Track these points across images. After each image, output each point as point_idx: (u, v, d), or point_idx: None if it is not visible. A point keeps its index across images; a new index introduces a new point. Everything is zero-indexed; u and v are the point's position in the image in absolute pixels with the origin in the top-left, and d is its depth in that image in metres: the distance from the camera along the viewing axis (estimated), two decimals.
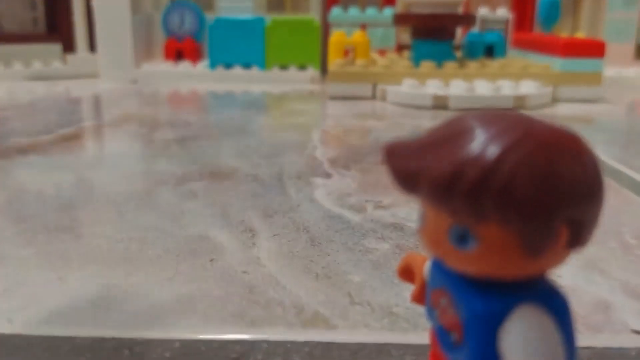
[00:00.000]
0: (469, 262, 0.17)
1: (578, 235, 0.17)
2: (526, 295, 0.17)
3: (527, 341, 0.17)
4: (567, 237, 0.17)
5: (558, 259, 0.17)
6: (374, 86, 1.13)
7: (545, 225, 0.16)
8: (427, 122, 0.90)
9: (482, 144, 0.16)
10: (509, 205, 0.16)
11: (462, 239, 0.17)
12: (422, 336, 0.32)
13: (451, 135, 0.17)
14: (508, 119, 0.17)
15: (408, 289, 0.37)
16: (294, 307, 0.35)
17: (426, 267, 0.21)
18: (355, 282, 0.39)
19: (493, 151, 0.16)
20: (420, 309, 0.35)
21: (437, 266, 0.20)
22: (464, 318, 0.18)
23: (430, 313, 0.21)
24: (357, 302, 0.36)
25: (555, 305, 0.17)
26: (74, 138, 0.79)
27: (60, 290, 0.37)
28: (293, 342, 0.32)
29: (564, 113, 1.01)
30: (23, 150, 0.72)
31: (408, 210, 0.52)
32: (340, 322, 0.34)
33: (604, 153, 0.70)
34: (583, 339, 0.32)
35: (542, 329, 0.17)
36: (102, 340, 0.32)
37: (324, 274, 0.40)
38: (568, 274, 0.40)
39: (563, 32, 1.55)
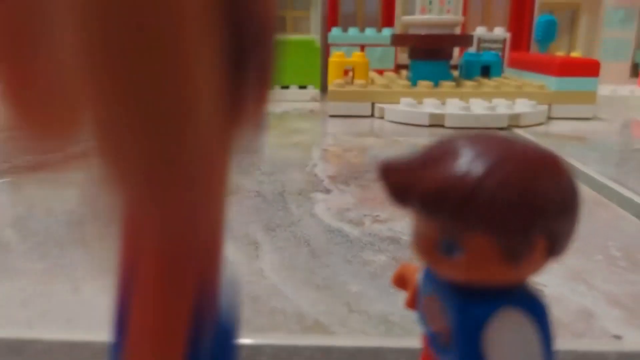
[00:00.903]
0: (456, 269, 0.18)
1: (554, 246, 0.18)
2: (508, 300, 0.18)
3: (508, 342, 0.18)
4: (544, 247, 0.18)
5: (537, 267, 0.18)
6: (373, 105, 1.13)
7: (523, 236, 0.17)
8: (423, 140, 0.89)
9: (468, 163, 0.17)
10: (491, 218, 0.17)
11: (449, 248, 0.18)
12: (415, 341, 0.33)
13: (441, 154, 0.18)
14: (492, 141, 0.18)
15: (403, 299, 0.37)
16: (295, 316, 0.36)
17: (419, 276, 0.22)
18: (354, 292, 0.39)
19: (477, 169, 0.17)
20: (413, 316, 0.36)
21: (428, 275, 0.21)
22: (451, 322, 0.19)
23: (422, 318, 0.21)
24: (355, 311, 0.36)
25: (535, 309, 0.18)
26: (81, 157, 0.79)
27: (76, 300, 0.38)
28: (295, 346, 0.32)
29: (558, 131, 1.01)
30: (33, 168, 0.71)
31: (404, 224, 0.52)
32: (339, 329, 0.34)
33: (596, 170, 0.71)
34: (565, 343, 0.33)
35: (522, 331, 0.18)
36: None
37: (324, 284, 0.40)
38: (554, 284, 0.40)
39: (560, 51, 1.55)
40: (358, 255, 0.46)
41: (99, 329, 0.33)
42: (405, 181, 0.18)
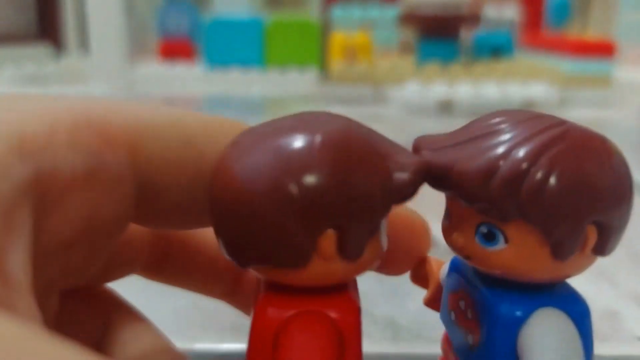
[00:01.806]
0: (495, 262, 0.17)
1: (605, 241, 0.17)
2: (547, 300, 0.17)
3: (546, 345, 0.17)
4: (594, 243, 0.16)
5: (583, 265, 0.17)
6: (377, 88, 1.13)
7: (575, 228, 0.16)
8: (431, 125, 0.89)
9: (516, 143, 0.16)
10: (540, 206, 0.16)
11: (489, 237, 0.17)
12: (426, 346, 0.31)
13: (484, 132, 0.17)
14: (541, 120, 0.17)
15: (411, 300, 0.36)
16: None
17: (442, 271, 0.21)
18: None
19: (526, 151, 0.16)
20: (424, 319, 0.35)
21: (457, 268, 0.20)
22: (484, 320, 0.18)
23: (446, 317, 0.20)
24: None
25: (577, 311, 0.17)
26: None
27: None
28: None
29: (573, 117, 0.99)
30: None
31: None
32: None
33: None
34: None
35: (562, 334, 0.17)
36: None
37: None
38: (575, 283, 0.39)
39: (574, 32, 1.54)
40: None
41: None
42: (444, 159, 0.17)
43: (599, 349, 0.31)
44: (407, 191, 0.17)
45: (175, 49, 1.46)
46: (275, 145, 0.16)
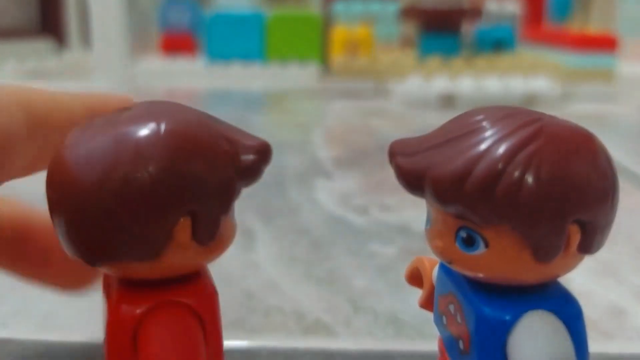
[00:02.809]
0: (477, 266, 0.17)
1: (590, 240, 0.16)
2: (536, 302, 0.17)
3: (536, 349, 0.16)
4: (578, 241, 0.16)
5: (569, 264, 0.17)
6: (378, 82, 1.13)
7: (555, 228, 0.16)
8: (433, 120, 0.89)
9: (489, 143, 0.16)
10: (517, 208, 0.15)
11: (469, 242, 0.17)
12: (429, 344, 0.31)
13: (458, 133, 0.17)
14: (517, 117, 0.16)
15: (414, 295, 0.36)
16: (294, 314, 0.35)
17: (435, 272, 0.21)
18: (359, 287, 0.38)
19: (501, 151, 0.16)
20: (427, 316, 0.35)
21: (446, 270, 0.19)
22: (471, 325, 0.17)
23: (438, 320, 0.20)
24: (360, 309, 0.35)
25: (567, 312, 0.17)
26: None
27: (53, 296, 0.36)
28: (294, 350, 0.31)
29: (575, 111, 0.99)
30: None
31: (414, 212, 0.51)
32: (342, 330, 0.33)
33: (617, 154, 0.69)
34: (595, 345, 0.31)
35: (552, 337, 0.16)
36: (97, 347, 0.31)
37: (326, 279, 0.39)
38: (579, 278, 0.39)
39: (576, 26, 1.53)
40: (364, 246, 0.45)
41: (76, 328, 0.33)
42: (419, 164, 0.17)
43: (604, 347, 0.31)
44: (254, 171, 0.17)
45: (177, 44, 1.47)
46: (121, 136, 0.16)
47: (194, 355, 0.17)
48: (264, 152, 0.18)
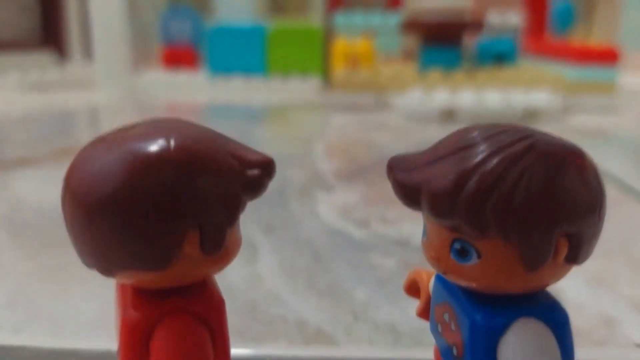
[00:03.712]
0: (470, 276, 0.17)
1: (577, 251, 0.17)
2: (525, 309, 0.17)
3: (525, 355, 0.17)
4: (566, 252, 0.17)
5: (558, 274, 0.17)
6: (379, 95, 1.13)
7: (544, 240, 0.16)
8: (433, 133, 0.88)
9: (482, 159, 0.16)
10: (508, 220, 0.16)
11: (463, 253, 0.17)
12: (426, 352, 0.31)
13: (453, 149, 0.17)
14: (510, 133, 0.17)
15: (413, 306, 0.36)
16: (296, 324, 0.35)
17: (432, 283, 0.21)
18: (359, 298, 0.38)
19: (493, 167, 0.16)
20: (425, 326, 0.35)
21: (441, 281, 0.20)
22: (464, 331, 0.18)
23: (434, 328, 0.21)
24: (361, 319, 0.36)
25: (555, 319, 0.17)
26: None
27: (64, 304, 0.37)
28: (296, 358, 0.31)
29: (576, 124, 0.99)
30: (21, 163, 0.72)
31: (413, 224, 0.51)
32: (343, 339, 0.34)
33: (616, 167, 0.69)
34: (586, 352, 0.31)
35: (540, 343, 0.17)
36: (108, 354, 0.31)
37: (327, 290, 0.39)
38: (573, 288, 0.39)
39: (578, 39, 1.53)
40: (364, 258, 0.45)
41: (88, 336, 0.34)
42: (415, 178, 0.17)
43: (595, 355, 0.31)
44: (258, 186, 0.18)
45: (178, 56, 1.46)
46: (131, 152, 0.16)
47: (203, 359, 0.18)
48: (268, 167, 0.18)
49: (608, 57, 1.12)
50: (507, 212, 0.16)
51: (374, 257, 0.45)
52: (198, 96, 1.31)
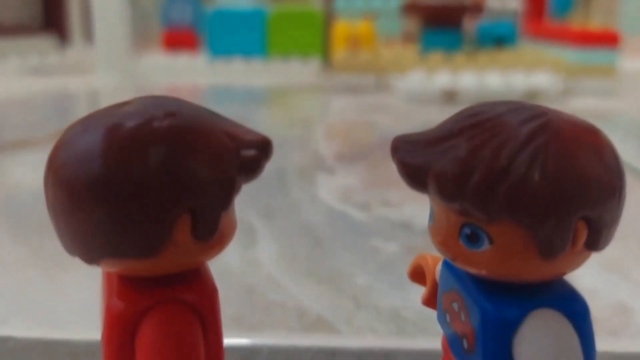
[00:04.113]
0: (481, 263, 0.16)
1: (597, 236, 0.16)
2: (542, 300, 0.17)
3: (542, 349, 0.16)
4: (585, 238, 0.16)
5: (576, 262, 0.16)
6: (380, 78, 1.13)
7: (562, 225, 0.15)
8: (434, 115, 0.89)
9: (494, 139, 0.15)
10: (522, 204, 0.15)
11: (473, 238, 0.16)
12: (432, 341, 0.31)
13: (462, 127, 0.16)
14: (522, 111, 0.16)
15: (417, 292, 0.35)
16: (295, 311, 0.35)
17: (438, 269, 0.20)
18: (361, 284, 0.38)
19: (505, 147, 0.15)
20: (431, 313, 0.34)
21: (449, 267, 0.19)
22: (476, 324, 0.17)
23: (442, 317, 0.20)
24: (362, 306, 0.35)
25: (574, 310, 0.17)
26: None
27: (55, 293, 0.37)
28: (295, 348, 0.30)
29: (576, 107, 0.99)
30: (18, 147, 0.72)
31: (417, 207, 0.51)
32: (344, 327, 0.33)
33: (621, 150, 0.69)
34: (601, 342, 0.31)
35: (558, 336, 0.16)
36: (99, 345, 0.31)
37: (327, 276, 0.39)
38: (585, 275, 0.39)
39: (577, 22, 1.54)
40: (365, 242, 0.45)
41: (76, 327, 0.33)
42: (421, 160, 0.16)
43: (608, 345, 0.30)
44: (254, 167, 0.17)
45: (179, 40, 1.47)
46: (118, 132, 0.15)
47: (193, 353, 0.17)
48: (264, 147, 0.17)
49: (608, 40, 1.13)
50: (520, 195, 0.15)
51: (376, 241, 0.45)
52: (198, 79, 1.32)
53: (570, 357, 0.16)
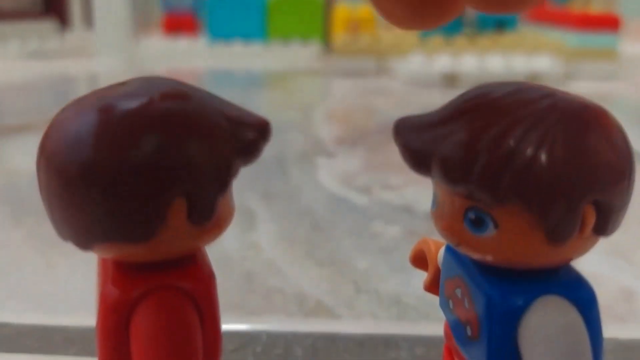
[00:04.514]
0: (486, 248, 0.16)
1: (606, 221, 0.15)
2: (548, 286, 0.16)
3: (548, 336, 0.15)
4: (593, 223, 0.15)
5: (584, 247, 0.16)
6: (380, 61, 1.12)
7: (570, 209, 0.15)
8: (435, 99, 0.89)
9: (500, 120, 0.15)
10: (530, 187, 0.15)
11: (477, 223, 0.16)
12: (434, 327, 0.31)
13: (467, 109, 0.16)
14: (528, 92, 0.16)
15: (419, 277, 0.35)
16: (295, 296, 0.35)
17: (441, 254, 0.20)
18: (361, 269, 0.38)
19: (513, 128, 0.15)
20: (432, 298, 0.34)
21: (453, 253, 0.19)
22: (480, 311, 0.17)
23: (444, 304, 0.19)
24: (363, 291, 0.35)
25: (581, 297, 0.16)
26: None
27: (50, 277, 0.37)
28: (295, 334, 0.30)
29: (578, 90, 0.99)
30: (18, 131, 0.72)
31: (418, 191, 0.51)
32: (345, 312, 0.33)
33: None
34: (606, 329, 0.31)
35: (565, 323, 0.16)
36: (94, 331, 0.31)
37: (327, 260, 0.39)
38: (590, 261, 0.38)
39: (578, 6, 1.54)
40: (366, 226, 0.45)
41: (72, 313, 0.33)
42: (425, 142, 0.16)
43: (613, 331, 0.30)
44: (253, 149, 0.17)
45: (179, 23, 1.47)
46: (112, 113, 0.15)
47: (189, 340, 0.16)
48: (263, 130, 0.17)
49: (609, 23, 1.13)
50: (528, 178, 0.14)
51: (377, 225, 0.45)
52: (198, 63, 1.32)
53: (577, 344, 0.16)
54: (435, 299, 0.20)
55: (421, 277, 0.22)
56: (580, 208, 0.15)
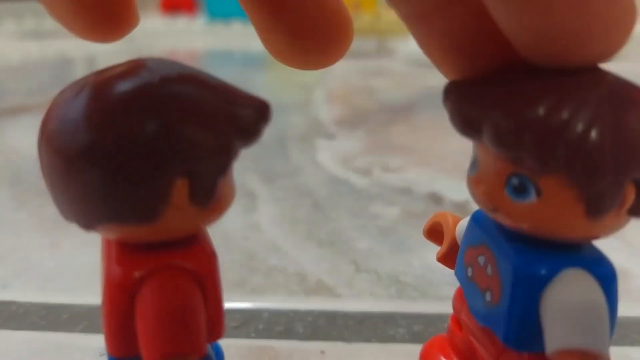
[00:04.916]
0: (524, 216, 0.16)
1: None
2: (574, 259, 0.16)
3: (570, 305, 0.16)
4: (631, 202, 0.16)
5: (616, 225, 0.16)
6: (381, 41, 1.12)
7: (614, 185, 0.15)
8: (437, 80, 0.87)
9: (556, 90, 0.15)
10: (580, 158, 0.15)
11: (520, 189, 0.16)
12: (431, 305, 0.31)
13: (521, 78, 0.16)
14: (585, 70, 0.16)
15: (417, 256, 0.36)
16: (296, 275, 0.34)
17: (460, 227, 0.21)
18: (361, 249, 0.38)
19: (567, 102, 0.15)
20: (430, 277, 0.35)
21: (478, 222, 0.19)
22: (506, 277, 0.17)
23: (461, 272, 0.20)
24: (362, 270, 0.35)
25: (604, 273, 0.17)
26: None
27: (55, 256, 0.37)
28: (296, 311, 0.31)
29: None
30: (17, 112, 0.71)
31: (417, 173, 0.51)
32: (345, 291, 0.33)
33: None
34: None
35: (587, 295, 0.16)
36: (99, 309, 0.31)
37: (327, 240, 0.39)
38: None
39: None
40: (366, 207, 0.44)
41: (77, 291, 0.33)
42: (477, 107, 0.16)
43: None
44: (253, 130, 0.17)
45: (177, 3, 1.46)
46: (113, 94, 0.15)
47: (193, 319, 0.16)
48: (263, 111, 0.17)
49: None
50: (578, 151, 0.15)
51: (377, 206, 0.44)
52: (196, 42, 1.30)
53: (597, 321, 0.16)
54: (432, 278, 0.21)
55: (419, 257, 0.22)
56: (623, 185, 0.15)
